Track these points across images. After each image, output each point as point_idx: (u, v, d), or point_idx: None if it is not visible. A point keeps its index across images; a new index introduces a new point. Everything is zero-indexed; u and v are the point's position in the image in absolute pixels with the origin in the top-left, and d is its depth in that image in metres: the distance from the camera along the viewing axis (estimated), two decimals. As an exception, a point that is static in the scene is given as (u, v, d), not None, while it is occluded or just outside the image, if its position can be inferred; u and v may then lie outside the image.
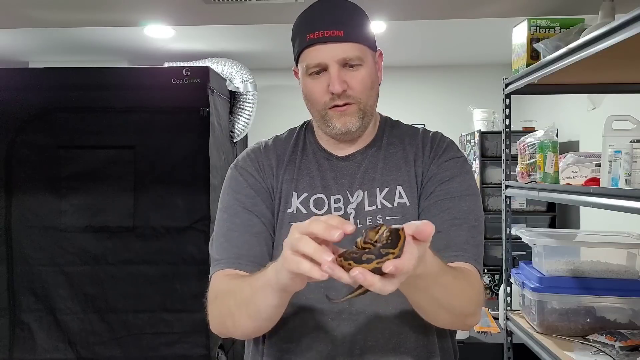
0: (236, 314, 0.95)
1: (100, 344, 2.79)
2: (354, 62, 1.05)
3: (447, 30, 3.19)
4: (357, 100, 1.07)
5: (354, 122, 1.07)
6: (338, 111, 1.07)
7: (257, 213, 1.09)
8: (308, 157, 1.15)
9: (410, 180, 1.10)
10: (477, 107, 3.80)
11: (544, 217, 3.69)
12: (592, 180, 1.80)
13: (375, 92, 1.11)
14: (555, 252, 1.99)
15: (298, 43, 1.10)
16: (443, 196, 1.07)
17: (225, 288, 1.00)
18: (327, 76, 1.05)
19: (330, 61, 1.04)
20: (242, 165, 1.15)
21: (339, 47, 1.04)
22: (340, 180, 1.11)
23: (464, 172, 1.11)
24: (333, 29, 1.04)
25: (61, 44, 3.47)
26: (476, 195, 1.11)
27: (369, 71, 1.07)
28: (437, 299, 0.88)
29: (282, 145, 1.18)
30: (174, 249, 2.79)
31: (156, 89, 2.81)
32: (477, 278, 1.00)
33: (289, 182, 1.12)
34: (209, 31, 3.24)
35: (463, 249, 1.02)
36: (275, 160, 1.15)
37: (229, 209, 1.11)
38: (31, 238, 2.80)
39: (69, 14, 2.34)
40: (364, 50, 1.06)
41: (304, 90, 1.11)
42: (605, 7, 1.71)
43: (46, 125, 2.80)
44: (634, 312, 1.88)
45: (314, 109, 1.11)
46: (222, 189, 1.16)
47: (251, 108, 3.44)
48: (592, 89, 2.45)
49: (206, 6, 2.16)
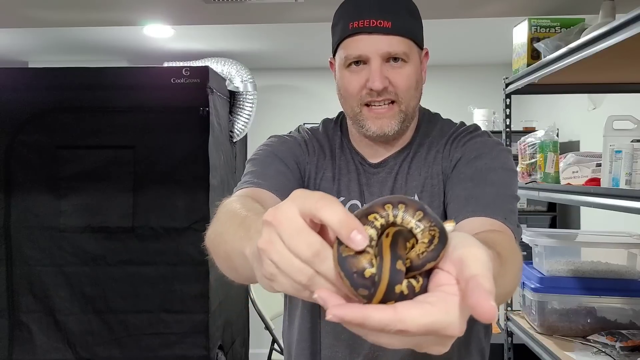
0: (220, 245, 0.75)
1: (100, 344, 2.79)
2: (399, 57, 0.95)
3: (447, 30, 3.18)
4: (399, 100, 0.96)
5: (392, 126, 0.97)
6: (374, 112, 0.97)
7: (292, 168, 1.01)
8: (346, 157, 1.07)
9: (426, 184, 1.01)
10: (477, 107, 3.79)
11: (545, 217, 3.69)
12: (593, 180, 1.79)
13: (419, 94, 1.01)
14: (556, 252, 1.99)
15: (339, 30, 0.98)
16: (469, 172, 0.95)
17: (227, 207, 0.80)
18: (367, 70, 0.95)
19: (373, 54, 0.94)
20: (290, 135, 1.09)
21: (385, 39, 0.93)
22: (371, 188, 1.03)
23: (496, 150, 0.98)
24: (380, 19, 0.93)
25: (60, 43, 3.47)
26: (511, 170, 0.96)
27: (414, 69, 0.97)
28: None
29: (323, 138, 1.09)
30: (174, 249, 2.78)
31: (156, 88, 2.80)
32: (512, 244, 0.81)
33: (329, 180, 1.05)
34: (208, 31, 3.23)
35: (488, 205, 0.87)
36: (318, 149, 1.07)
37: (262, 156, 1.01)
38: (30, 238, 2.80)
39: (68, 13, 2.33)
40: (411, 46, 0.96)
41: (339, 84, 1.00)
42: (606, 7, 1.71)
43: (45, 125, 2.79)
44: (634, 313, 1.87)
45: (347, 105, 1.01)
46: (255, 150, 1.06)
47: (251, 108, 3.44)
48: (592, 89, 2.45)
49: (206, 6, 2.15)
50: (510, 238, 0.84)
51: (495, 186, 0.91)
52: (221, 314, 2.99)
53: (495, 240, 0.74)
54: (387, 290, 0.42)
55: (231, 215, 0.74)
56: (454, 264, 0.45)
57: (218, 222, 0.78)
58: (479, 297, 0.41)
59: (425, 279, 0.45)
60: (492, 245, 0.68)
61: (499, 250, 0.67)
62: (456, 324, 0.42)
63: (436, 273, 0.45)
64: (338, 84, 1.01)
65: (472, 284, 0.42)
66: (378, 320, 0.41)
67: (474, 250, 0.45)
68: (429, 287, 0.45)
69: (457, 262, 0.44)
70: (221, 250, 0.72)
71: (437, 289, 0.44)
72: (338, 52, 0.99)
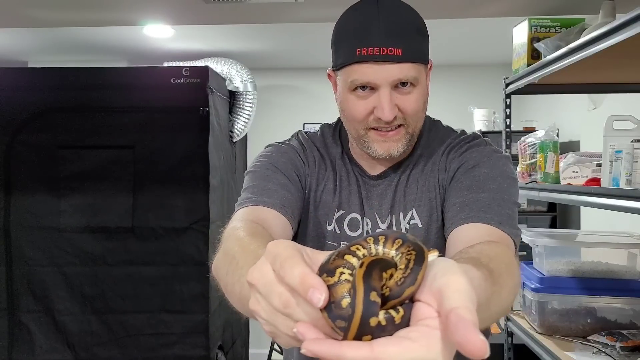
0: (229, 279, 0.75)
1: (99, 344, 2.78)
2: (408, 81, 0.91)
3: (447, 30, 3.18)
4: (407, 124, 0.94)
5: (398, 148, 0.95)
6: (381, 136, 0.94)
7: (293, 180, 0.99)
8: (347, 169, 1.04)
9: (423, 198, 0.99)
10: (477, 107, 3.79)
11: (545, 217, 3.69)
12: (593, 180, 1.79)
13: (425, 112, 0.99)
14: (556, 252, 1.99)
15: (344, 53, 0.92)
16: (466, 181, 0.93)
17: (235, 237, 0.78)
18: (375, 97, 0.91)
19: (382, 82, 0.89)
20: (287, 144, 1.06)
21: (396, 68, 0.88)
22: (371, 201, 1.01)
23: (494, 158, 0.95)
24: (391, 46, 0.87)
25: (60, 43, 3.47)
26: (509, 177, 0.94)
27: (422, 91, 0.94)
28: (488, 317, 0.67)
29: (323, 147, 1.07)
30: (173, 249, 2.78)
31: (155, 88, 2.80)
32: (508, 254, 0.77)
33: (331, 192, 1.02)
34: (208, 31, 3.23)
35: (481, 210, 0.86)
36: (319, 159, 1.05)
37: (262, 169, 0.99)
38: (30, 238, 2.79)
39: (68, 13, 2.33)
40: (420, 69, 0.92)
41: (344, 105, 0.96)
42: (606, 7, 1.71)
43: (45, 125, 2.79)
44: (634, 313, 1.87)
45: (352, 127, 0.97)
46: (254, 160, 1.04)
47: (251, 108, 3.43)
48: (592, 89, 2.45)
49: (206, 5, 2.15)
50: (507, 247, 0.82)
51: (491, 192, 0.89)
52: (221, 314, 2.99)
53: (490, 254, 0.71)
54: (361, 323, 0.40)
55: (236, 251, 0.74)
56: (434, 296, 0.42)
57: (225, 257, 0.76)
58: (465, 332, 0.38)
59: (407, 310, 0.43)
60: (486, 261, 0.66)
61: (491, 267, 0.65)
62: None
63: (417, 306, 0.43)
64: (341, 105, 0.97)
65: (453, 318, 0.39)
66: (352, 358, 0.39)
67: (454, 278, 0.42)
68: (411, 321, 0.43)
69: (437, 293, 0.42)
70: (236, 290, 0.71)
71: (419, 323, 0.42)
72: (342, 72, 0.94)
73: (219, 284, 0.78)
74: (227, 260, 0.74)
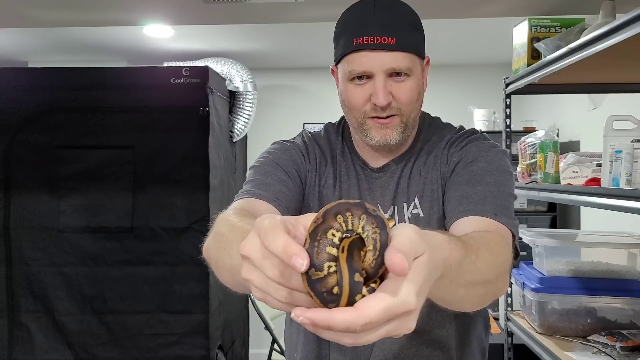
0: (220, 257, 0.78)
1: (99, 345, 2.78)
2: (402, 71, 0.96)
3: (447, 30, 3.18)
4: (401, 113, 0.99)
5: (394, 136, 1.00)
6: (378, 123, 0.99)
7: (292, 176, 1.04)
8: (347, 163, 1.09)
9: (426, 189, 1.03)
10: (477, 107, 3.79)
11: (545, 217, 3.68)
12: (593, 180, 1.79)
13: (420, 104, 1.03)
14: (556, 252, 1.99)
15: (343, 44, 0.99)
16: (465, 175, 0.98)
17: (225, 219, 0.84)
18: (371, 84, 0.97)
19: (377, 70, 0.95)
20: (291, 141, 1.11)
21: (389, 56, 0.95)
22: (373, 192, 1.06)
23: (491, 153, 1.01)
24: (384, 35, 0.94)
25: (60, 43, 3.46)
26: (506, 171, 0.99)
27: (416, 82, 0.99)
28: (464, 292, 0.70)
29: (325, 144, 1.12)
30: (173, 249, 2.78)
31: (155, 88, 2.80)
32: (497, 239, 0.82)
33: (331, 187, 1.07)
34: (208, 31, 3.23)
35: (478, 203, 0.91)
36: (320, 156, 1.10)
37: (264, 164, 1.05)
38: (30, 238, 2.80)
39: (68, 13, 2.33)
40: (414, 60, 0.98)
41: (343, 95, 1.02)
42: (606, 7, 1.71)
43: (45, 125, 2.79)
44: (634, 313, 1.87)
45: (351, 116, 1.03)
46: (258, 156, 1.09)
47: (251, 108, 3.43)
48: (592, 89, 2.44)
49: (206, 5, 2.15)
50: (500, 237, 0.86)
51: (488, 185, 0.94)
52: (221, 314, 2.99)
53: (474, 236, 0.77)
54: (348, 300, 0.47)
55: (226, 231, 0.78)
56: None
57: (215, 237, 0.81)
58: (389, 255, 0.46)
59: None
60: (465, 238, 0.72)
61: (466, 240, 0.71)
62: (408, 300, 0.46)
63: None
64: (341, 95, 1.03)
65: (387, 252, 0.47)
66: (342, 320, 0.45)
67: (399, 231, 0.49)
68: None
69: None
70: (227, 263, 0.75)
71: (388, 277, 0.49)
72: (341, 64, 1.01)
73: (209, 264, 0.83)
74: (217, 239, 0.79)
